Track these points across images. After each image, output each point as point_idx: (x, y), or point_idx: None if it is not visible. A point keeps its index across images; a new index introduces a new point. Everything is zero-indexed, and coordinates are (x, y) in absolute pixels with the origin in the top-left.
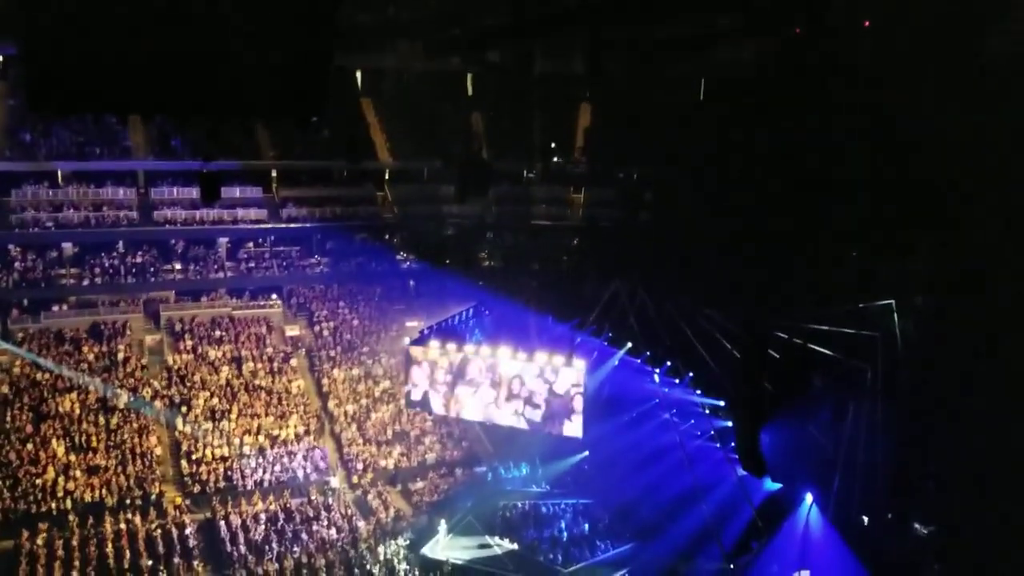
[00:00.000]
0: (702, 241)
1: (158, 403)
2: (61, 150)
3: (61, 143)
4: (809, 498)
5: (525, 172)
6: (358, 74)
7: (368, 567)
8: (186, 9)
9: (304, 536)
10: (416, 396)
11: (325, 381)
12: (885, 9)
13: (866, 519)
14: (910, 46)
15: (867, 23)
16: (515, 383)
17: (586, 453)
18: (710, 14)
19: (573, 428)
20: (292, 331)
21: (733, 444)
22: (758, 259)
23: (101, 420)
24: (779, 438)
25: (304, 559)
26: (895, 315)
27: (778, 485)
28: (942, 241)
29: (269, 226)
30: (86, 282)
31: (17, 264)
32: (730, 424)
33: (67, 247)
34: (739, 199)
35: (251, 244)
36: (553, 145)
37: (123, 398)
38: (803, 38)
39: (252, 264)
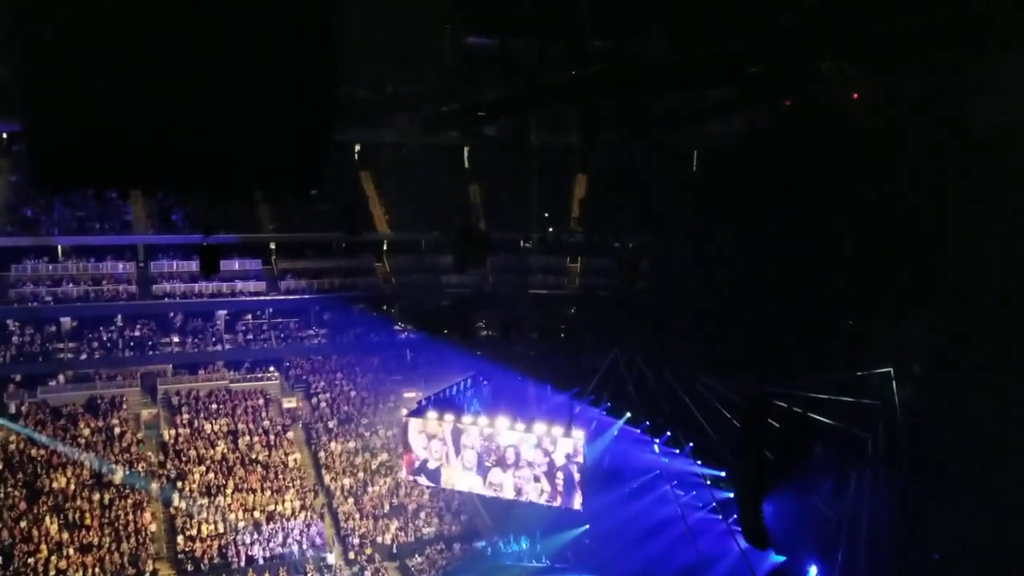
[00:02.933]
0: (699, 310)
1: (153, 480)
2: (62, 225)
3: (62, 218)
4: (814, 571)
5: (522, 242)
6: (356, 147)
7: None
8: (187, 88)
9: None
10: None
11: (322, 454)
12: (874, 82)
13: None
14: (900, 117)
15: (856, 96)
16: (513, 454)
17: (587, 526)
18: (702, 88)
19: (573, 500)
20: (289, 403)
21: (735, 516)
22: (756, 328)
23: (95, 496)
24: (782, 509)
25: None
26: (894, 383)
27: (782, 558)
28: (938, 309)
29: (268, 298)
30: (84, 356)
31: (15, 339)
32: (732, 495)
33: (65, 321)
34: (735, 268)
35: (249, 316)
36: (548, 215)
37: (119, 474)
38: (794, 110)
39: (250, 336)
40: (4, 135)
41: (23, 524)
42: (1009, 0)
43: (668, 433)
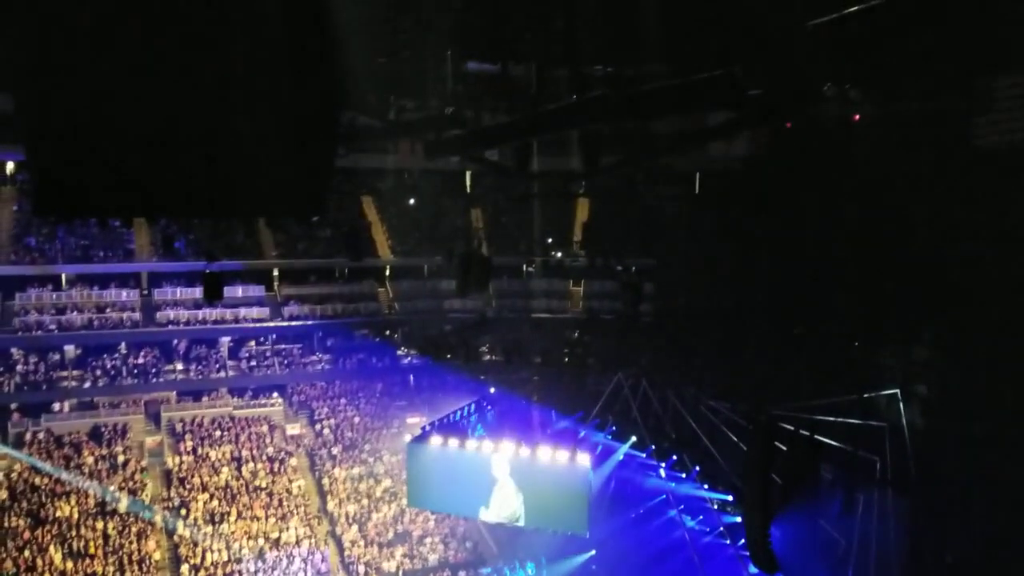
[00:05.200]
0: (704, 332)
1: (157, 506)
2: (66, 253)
3: (66, 247)
4: None
5: (525, 266)
6: (359, 173)
7: None
8: (190, 115)
9: None
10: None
11: (326, 481)
12: (876, 103)
13: None
14: (902, 138)
15: (857, 117)
16: (518, 479)
17: (593, 552)
18: (703, 110)
19: (579, 525)
20: (293, 430)
21: (743, 540)
22: (761, 350)
23: (99, 525)
24: (790, 532)
25: None
26: (901, 404)
27: None
28: (944, 330)
29: (271, 324)
30: (87, 384)
31: (19, 367)
32: (739, 519)
33: (69, 349)
34: (739, 290)
35: (253, 343)
36: (551, 239)
37: (123, 502)
38: (795, 132)
39: (253, 363)
40: (10, 164)
41: (27, 553)
42: (1010, 19)
43: (674, 457)
